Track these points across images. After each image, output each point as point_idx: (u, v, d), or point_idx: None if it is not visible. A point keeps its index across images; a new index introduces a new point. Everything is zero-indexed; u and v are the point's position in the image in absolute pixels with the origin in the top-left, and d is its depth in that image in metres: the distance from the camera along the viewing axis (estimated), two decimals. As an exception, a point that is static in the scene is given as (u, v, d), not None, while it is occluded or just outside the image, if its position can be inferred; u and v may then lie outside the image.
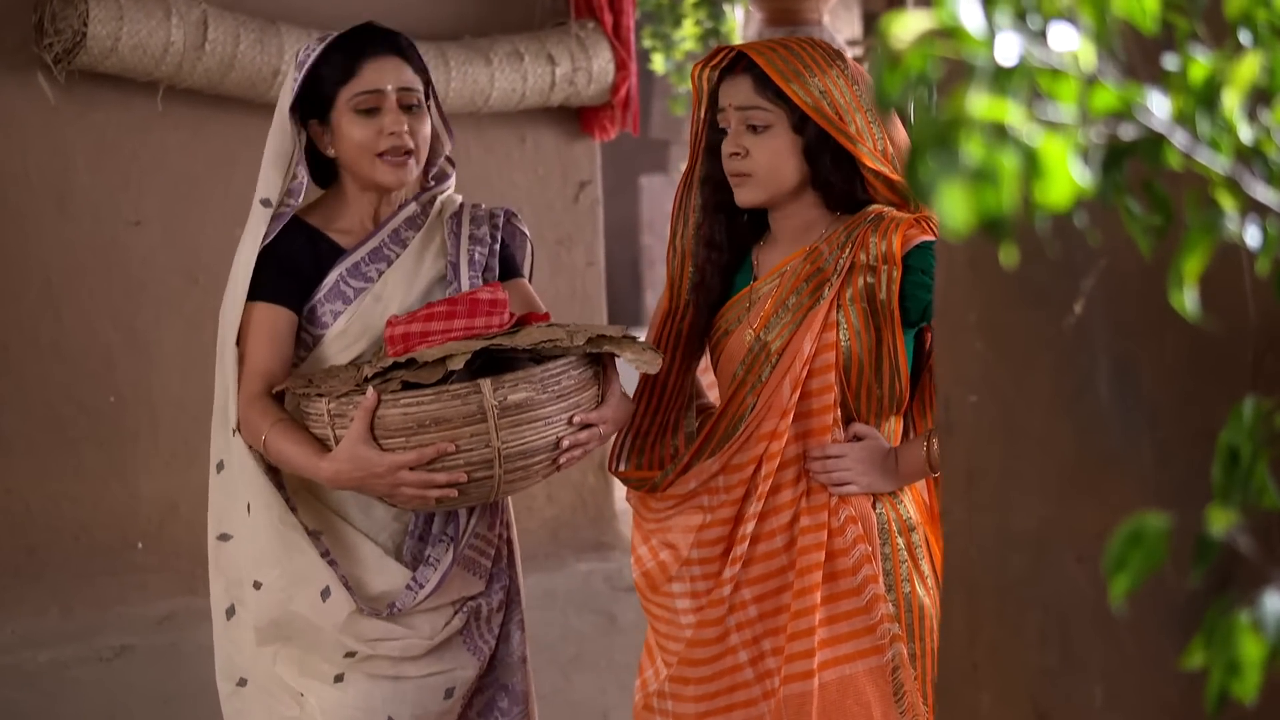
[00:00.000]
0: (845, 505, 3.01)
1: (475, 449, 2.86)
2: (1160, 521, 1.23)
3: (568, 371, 2.93)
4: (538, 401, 2.88)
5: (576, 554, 5.28)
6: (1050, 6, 1.17)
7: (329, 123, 3.11)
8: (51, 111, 4.46)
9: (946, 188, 1.08)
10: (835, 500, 3.00)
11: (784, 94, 2.95)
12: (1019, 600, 1.95)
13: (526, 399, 2.86)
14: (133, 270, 4.61)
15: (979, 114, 1.08)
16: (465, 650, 3.19)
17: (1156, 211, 1.36)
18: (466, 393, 2.84)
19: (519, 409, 2.86)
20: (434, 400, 2.85)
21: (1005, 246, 1.11)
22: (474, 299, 3.03)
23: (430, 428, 2.85)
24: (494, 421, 2.84)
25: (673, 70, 8.11)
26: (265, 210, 3.12)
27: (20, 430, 4.47)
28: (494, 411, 2.84)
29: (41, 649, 4.31)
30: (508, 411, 2.85)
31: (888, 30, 1.12)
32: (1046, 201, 1.10)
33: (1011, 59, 1.10)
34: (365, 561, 3.10)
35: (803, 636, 2.97)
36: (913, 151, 1.11)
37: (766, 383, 3.00)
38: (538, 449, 2.91)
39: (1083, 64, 1.15)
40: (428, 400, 2.85)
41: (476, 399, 2.84)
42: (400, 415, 2.85)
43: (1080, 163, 1.14)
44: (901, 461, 3.01)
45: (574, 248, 5.41)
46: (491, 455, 2.86)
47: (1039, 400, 1.94)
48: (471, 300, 3.03)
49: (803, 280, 3.01)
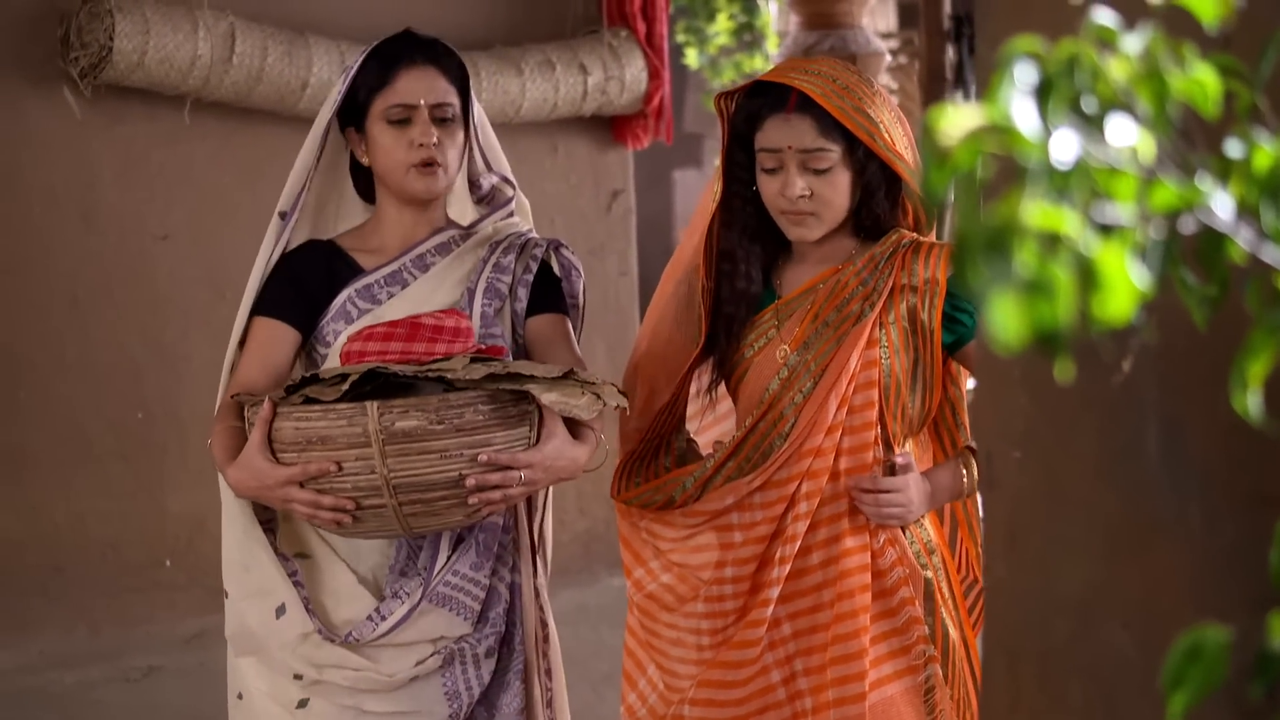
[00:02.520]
0: (883, 528, 2.97)
1: (360, 474, 2.74)
2: (1220, 635, 1.16)
3: (474, 405, 2.77)
4: (431, 432, 2.73)
5: (609, 568, 5.23)
6: (1105, 89, 1.11)
7: (364, 131, 3.06)
8: (78, 126, 4.43)
9: (998, 298, 1.02)
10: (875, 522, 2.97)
11: (844, 130, 2.90)
12: (1062, 667, 1.89)
13: (416, 427, 2.72)
14: (160, 284, 4.58)
15: (1033, 223, 1.01)
16: (440, 693, 3.07)
17: (1212, 281, 1.30)
18: (352, 414, 2.72)
19: (407, 437, 2.72)
20: (321, 418, 2.74)
21: (1060, 362, 1.05)
22: (438, 325, 2.96)
23: (317, 445, 2.75)
24: (379, 447, 2.72)
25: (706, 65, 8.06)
26: (280, 223, 3.09)
27: (46, 447, 4.44)
28: (378, 436, 2.71)
29: (68, 670, 4.28)
30: (394, 438, 2.72)
31: (935, 125, 1.06)
32: (1105, 315, 1.03)
33: (1068, 160, 1.04)
34: (338, 588, 3.03)
35: (854, 659, 2.93)
36: (961, 251, 1.05)
37: (809, 399, 2.96)
38: (435, 483, 2.76)
39: (1141, 158, 1.09)
40: (315, 417, 2.75)
41: (362, 421, 2.72)
42: (291, 429, 2.77)
43: (1138, 263, 1.08)
44: (935, 487, 2.98)
45: (606, 257, 5.36)
46: (379, 482, 2.74)
47: (1084, 459, 1.88)
48: (435, 326, 2.96)
49: (842, 299, 2.98)
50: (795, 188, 2.93)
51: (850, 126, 2.89)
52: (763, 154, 2.96)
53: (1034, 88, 1.06)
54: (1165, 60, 1.15)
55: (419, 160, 3.00)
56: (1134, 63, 1.13)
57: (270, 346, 3.04)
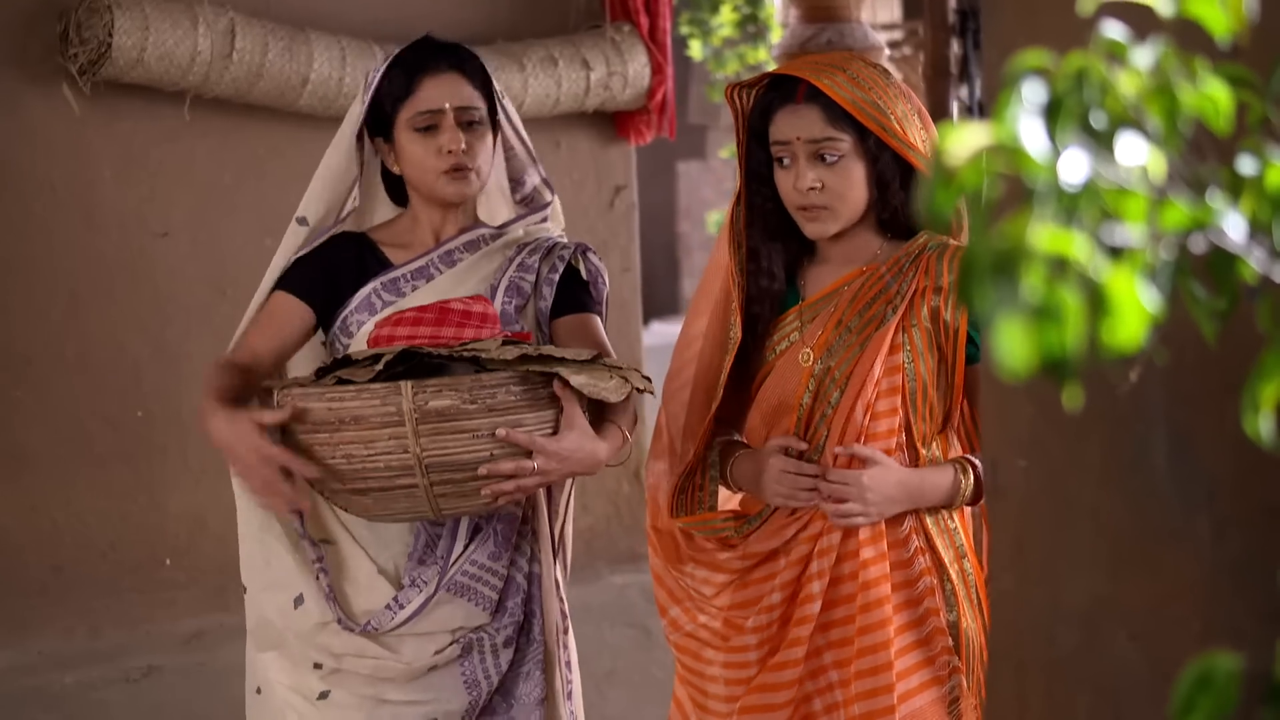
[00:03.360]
0: (914, 536, 2.94)
1: (394, 453, 2.76)
2: (1230, 663, 1.14)
3: (506, 386, 2.79)
4: (464, 412, 2.76)
5: (611, 565, 5.20)
6: (1115, 104, 1.08)
7: (393, 141, 3.08)
8: (77, 122, 4.41)
9: (1005, 324, 0.99)
10: (906, 530, 2.93)
11: (854, 120, 2.87)
12: (1069, 678, 1.87)
13: (449, 407, 2.75)
14: (160, 282, 4.55)
15: (1041, 246, 0.99)
16: (459, 682, 3.10)
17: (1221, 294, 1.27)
18: (386, 393, 2.75)
19: (440, 416, 2.75)
20: (354, 398, 2.76)
21: (1069, 388, 1.02)
22: (466, 310, 2.98)
23: (350, 425, 2.77)
24: (412, 426, 2.74)
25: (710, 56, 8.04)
26: (301, 229, 3.11)
27: (46, 446, 4.41)
28: (412, 415, 2.74)
29: (68, 670, 4.26)
30: (428, 417, 2.74)
31: (941, 144, 1.03)
32: (1115, 342, 1.01)
33: (1077, 181, 1.01)
34: (357, 577, 3.06)
35: (882, 671, 2.90)
36: (967, 272, 1.03)
37: (837, 409, 2.92)
38: (466, 463, 2.79)
39: (1152, 176, 1.06)
40: (348, 397, 2.76)
41: (396, 400, 2.74)
42: (324, 409, 2.77)
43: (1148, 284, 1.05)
44: (923, 486, 2.93)
45: (609, 254, 5.33)
46: (411, 462, 2.76)
47: (1091, 469, 1.86)
48: (463, 311, 2.98)
49: (865, 302, 2.95)
50: (805, 179, 2.90)
51: (858, 115, 2.86)
52: (775, 147, 2.94)
53: (1042, 107, 1.03)
54: (1176, 74, 1.12)
55: (448, 166, 3.03)
56: (1144, 77, 1.10)
57: (283, 319, 3.06)
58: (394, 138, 3.07)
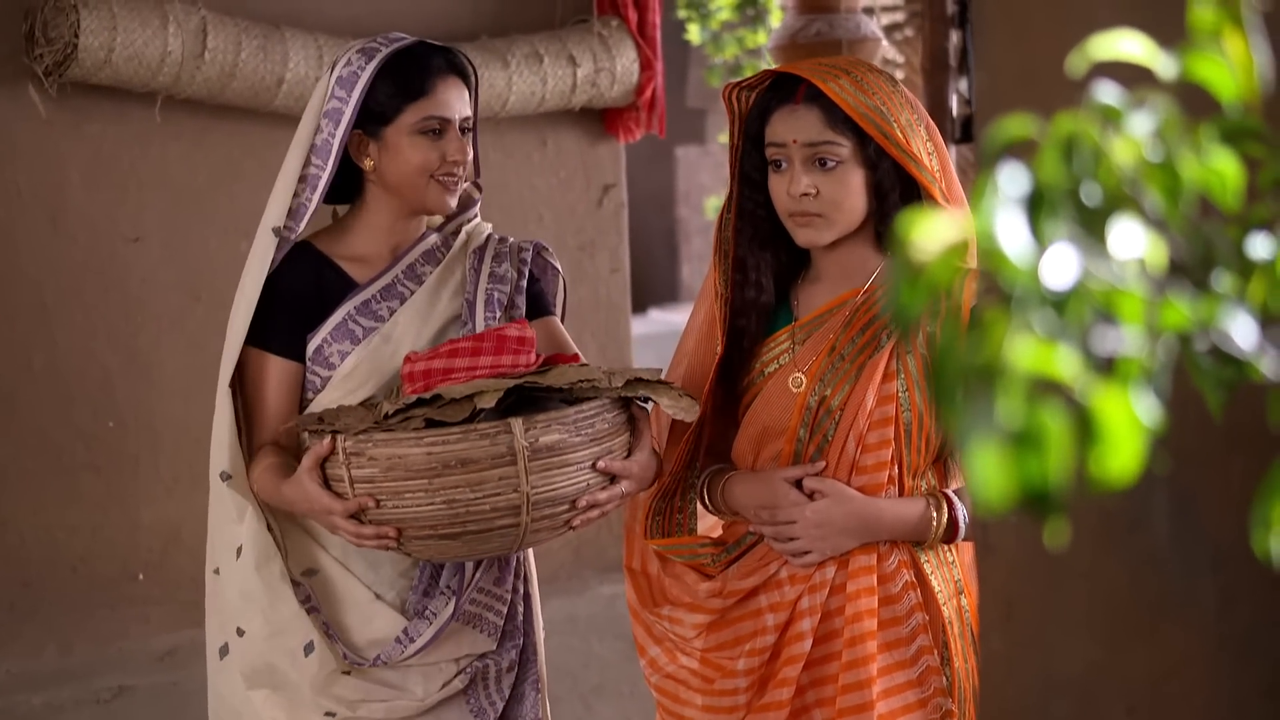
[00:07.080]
0: (903, 570, 2.82)
1: (503, 493, 2.66)
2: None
3: (602, 415, 2.75)
4: (570, 445, 2.70)
5: (599, 575, 5.10)
6: (1109, 178, 0.95)
7: (381, 138, 2.95)
8: (44, 125, 4.31)
9: (979, 449, 0.86)
10: (895, 564, 2.81)
11: (855, 126, 2.74)
12: (1063, 753, 1.76)
13: (559, 441, 2.68)
14: (132, 289, 4.45)
15: (1021, 364, 0.85)
16: (468, 712, 3.06)
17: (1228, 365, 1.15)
18: (495, 432, 2.66)
19: (550, 452, 2.68)
20: (460, 439, 2.65)
21: (1051, 524, 0.89)
22: (501, 335, 2.88)
23: (456, 469, 2.66)
24: (524, 464, 2.65)
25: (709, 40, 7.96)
26: (273, 240, 2.97)
27: (14, 458, 4.32)
28: (524, 453, 2.65)
29: (36, 691, 4.15)
30: (539, 454, 2.66)
31: (909, 236, 0.90)
32: (1107, 473, 0.88)
33: (1063, 285, 0.88)
34: (354, 607, 2.97)
35: (865, 711, 2.79)
36: (938, 389, 0.90)
37: (833, 441, 2.81)
38: (565, 496, 2.72)
39: (1150, 269, 0.93)
40: (454, 439, 2.66)
41: (506, 439, 2.65)
42: (424, 455, 2.66)
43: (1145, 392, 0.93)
44: (888, 516, 2.81)
45: (597, 254, 5.22)
46: (520, 501, 2.67)
47: (1087, 529, 1.74)
48: (499, 337, 2.87)
49: (859, 327, 2.82)
50: (800, 184, 2.76)
51: (859, 120, 2.73)
52: (770, 149, 2.80)
53: (1024, 199, 0.90)
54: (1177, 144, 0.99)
55: (444, 174, 2.95)
56: (1142, 146, 0.97)
57: (289, 389, 2.97)
58: (385, 136, 2.96)
